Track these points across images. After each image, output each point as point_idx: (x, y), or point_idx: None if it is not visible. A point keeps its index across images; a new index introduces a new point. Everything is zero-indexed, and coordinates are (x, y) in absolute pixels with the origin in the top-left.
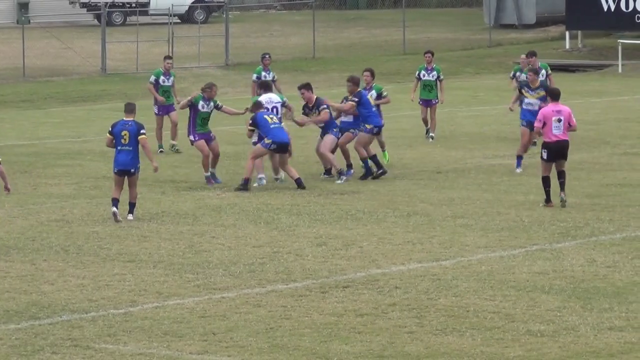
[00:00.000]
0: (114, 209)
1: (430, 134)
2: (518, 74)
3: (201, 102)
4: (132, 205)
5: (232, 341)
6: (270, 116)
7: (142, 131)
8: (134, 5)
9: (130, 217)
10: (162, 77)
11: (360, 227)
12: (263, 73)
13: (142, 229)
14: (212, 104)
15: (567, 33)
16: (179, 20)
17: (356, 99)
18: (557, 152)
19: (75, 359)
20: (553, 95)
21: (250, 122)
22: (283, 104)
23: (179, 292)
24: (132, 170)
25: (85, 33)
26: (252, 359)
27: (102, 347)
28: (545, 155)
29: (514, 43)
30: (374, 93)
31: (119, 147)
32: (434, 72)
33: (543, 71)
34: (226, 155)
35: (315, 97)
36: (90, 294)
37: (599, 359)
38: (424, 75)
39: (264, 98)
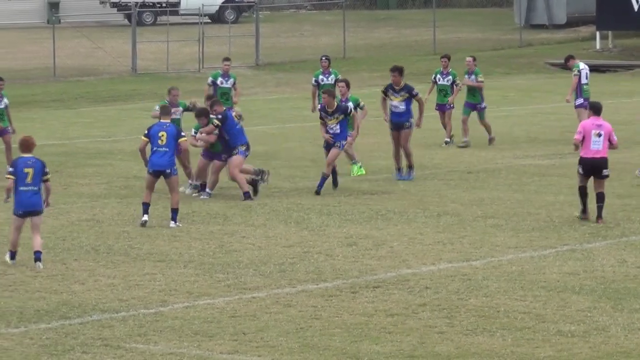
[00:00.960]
0: (145, 217)
1: (445, 139)
2: (466, 76)
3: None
4: (174, 212)
5: (262, 341)
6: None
7: (183, 134)
8: (164, 5)
9: (172, 224)
10: (219, 79)
11: (391, 227)
12: (321, 76)
13: (172, 228)
14: (180, 107)
15: (597, 33)
16: (209, 20)
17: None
18: (592, 168)
19: (105, 359)
20: (594, 108)
21: (220, 117)
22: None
23: (209, 291)
24: (168, 170)
25: (116, 33)
26: (282, 359)
27: (133, 346)
28: (580, 170)
29: (545, 43)
30: (350, 105)
31: (154, 148)
32: (449, 77)
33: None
34: (256, 155)
35: (336, 103)
36: (120, 293)
37: (630, 359)
38: (439, 80)
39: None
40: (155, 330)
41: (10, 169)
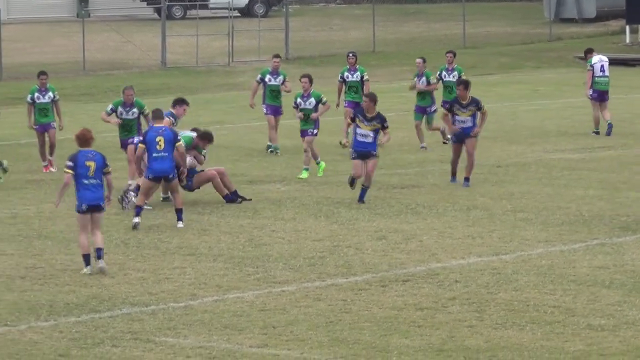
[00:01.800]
0: (137, 219)
1: (448, 135)
2: (416, 79)
3: (120, 109)
4: (179, 212)
5: (292, 335)
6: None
7: (178, 137)
8: None
9: (180, 224)
10: (268, 76)
11: (420, 221)
12: (346, 73)
13: (202, 222)
14: (135, 110)
15: (627, 27)
16: (238, 14)
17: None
18: None
19: (135, 352)
20: None
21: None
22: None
23: (239, 285)
24: (171, 175)
25: (145, 27)
26: (312, 353)
27: (162, 340)
28: None
29: (574, 37)
30: (312, 100)
31: (153, 154)
32: (455, 73)
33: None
34: (285, 149)
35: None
36: (150, 287)
37: None
38: (444, 76)
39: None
40: (185, 323)
41: (70, 163)
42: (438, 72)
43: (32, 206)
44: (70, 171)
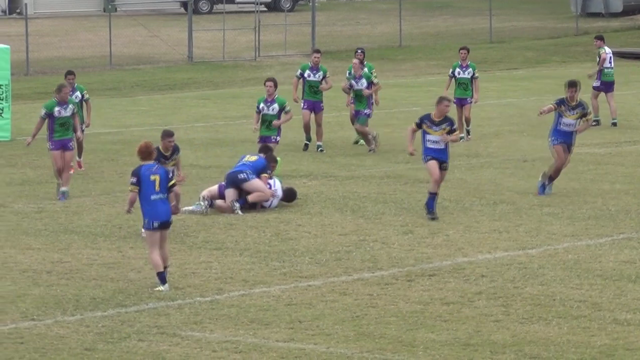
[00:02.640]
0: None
1: (466, 128)
2: (352, 81)
3: (56, 108)
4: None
5: (318, 329)
6: None
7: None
8: None
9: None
10: (307, 72)
11: (447, 216)
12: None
13: (228, 216)
14: (70, 106)
15: None
16: (265, 9)
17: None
18: None
19: (161, 346)
20: None
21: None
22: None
23: (265, 280)
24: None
25: (172, 21)
26: (338, 347)
27: (189, 334)
28: None
29: (601, 32)
30: (276, 106)
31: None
32: (469, 70)
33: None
34: (312, 143)
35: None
36: (176, 281)
37: None
38: (458, 73)
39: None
40: (211, 318)
41: (134, 179)
42: (451, 70)
43: (58, 200)
44: (135, 189)
